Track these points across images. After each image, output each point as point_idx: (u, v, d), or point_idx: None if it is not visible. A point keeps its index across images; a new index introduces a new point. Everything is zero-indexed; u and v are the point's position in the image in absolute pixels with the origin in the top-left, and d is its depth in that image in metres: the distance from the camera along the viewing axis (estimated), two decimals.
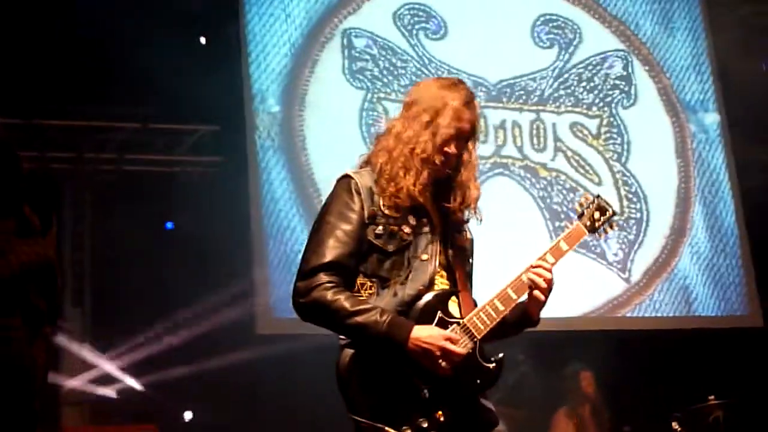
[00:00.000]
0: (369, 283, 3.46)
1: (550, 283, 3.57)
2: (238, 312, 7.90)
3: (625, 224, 8.71)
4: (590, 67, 9.01)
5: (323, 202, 3.58)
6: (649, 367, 8.67)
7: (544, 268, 3.57)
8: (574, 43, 9.02)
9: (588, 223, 3.84)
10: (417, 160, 3.46)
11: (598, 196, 3.94)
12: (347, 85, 8.41)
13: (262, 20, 8.35)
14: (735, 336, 8.73)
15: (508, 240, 7.56)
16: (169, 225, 8.33)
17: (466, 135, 3.55)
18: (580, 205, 3.90)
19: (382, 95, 8.44)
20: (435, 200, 3.58)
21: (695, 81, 9.25)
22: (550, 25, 9.00)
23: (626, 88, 9.06)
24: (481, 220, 3.64)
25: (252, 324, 7.85)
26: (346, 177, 3.53)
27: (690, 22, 9.35)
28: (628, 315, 8.63)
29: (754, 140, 9.20)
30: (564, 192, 8.63)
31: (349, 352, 3.40)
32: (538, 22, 8.98)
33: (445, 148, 3.50)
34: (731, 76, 9.26)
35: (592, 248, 8.58)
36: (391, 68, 8.52)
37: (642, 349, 8.59)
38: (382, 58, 8.53)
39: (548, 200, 8.58)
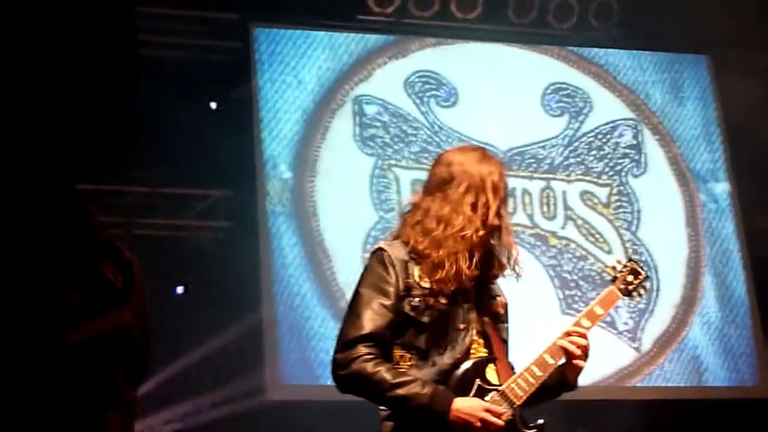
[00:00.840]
0: (408, 355, 3.49)
1: (586, 349, 3.59)
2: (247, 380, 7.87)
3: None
4: (600, 136, 9.03)
5: (360, 276, 3.58)
6: None
7: (580, 334, 3.58)
8: (585, 111, 9.05)
9: (622, 287, 3.88)
10: (468, 244, 3.48)
11: (631, 260, 3.99)
12: (358, 151, 8.44)
13: (275, 86, 8.40)
14: (745, 407, 8.66)
15: (518, 308, 7.51)
16: (179, 290, 8.29)
17: (506, 203, 3.58)
18: (613, 269, 3.94)
19: (392, 162, 8.45)
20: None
21: (705, 150, 9.27)
22: (561, 93, 9.04)
23: (636, 157, 9.07)
24: (519, 277, 3.65)
25: (262, 389, 7.80)
26: (380, 250, 3.55)
27: (700, 91, 9.39)
28: (638, 385, 8.58)
29: (764, 210, 9.20)
30: (574, 260, 8.62)
31: (389, 424, 3.40)
32: (548, 91, 9.02)
33: (494, 224, 3.52)
34: (741, 146, 9.28)
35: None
36: (402, 135, 8.55)
37: (652, 420, 8.51)
38: (393, 125, 8.55)
39: (558, 268, 8.56)
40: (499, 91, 8.80)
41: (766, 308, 9.06)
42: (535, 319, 7.00)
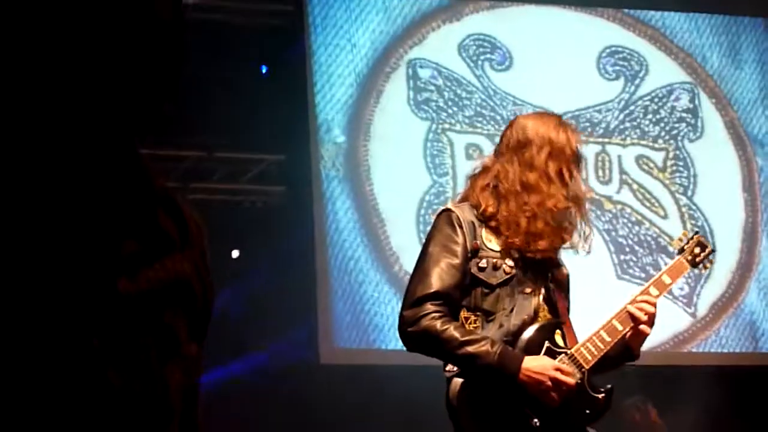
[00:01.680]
0: (473, 317, 3.48)
1: (653, 316, 3.57)
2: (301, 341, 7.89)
3: None
4: (656, 100, 8.93)
5: (426, 236, 3.57)
6: (714, 403, 8.53)
7: (649, 302, 3.57)
8: (640, 75, 8.96)
9: (689, 258, 3.86)
10: (548, 214, 3.46)
11: (697, 233, 3.98)
12: (412, 115, 8.40)
13: (328, 50, 8.36)
14: None
15: (573, 273, 7.48)
16: (234, 254, 8.32)
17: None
18: (680, 240, 3.95)
19: (446, 126, 8.41)
20: None
21: (763, 114, 9.15)
22: (616, 56, 8.94)
23: (693, 121, 8.97)
24: (588, 253, 3.63)
25: (315, 354, 7.81)
26: (448, 210, 3.55)
27: (758, 54, 9.26)
28: (694, 350, 8.53)
29: None
30: (629, 225, 8.56)
31: (458, 381, 3.41)
32: (604, 54, 8.93)
33: (578, 197, 3.51)
34: None
35: None
36: (456, 99, 8.50)
37: (707, 385, 8.45)
38: (447, 89, 8.51)
39: (613, 233, 8.50)
40: (553, 55, 8.72)
41: None
42: (590, 284, 6.95)
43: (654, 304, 3.63)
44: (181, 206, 1.31)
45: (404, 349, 3.57)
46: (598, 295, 6.51)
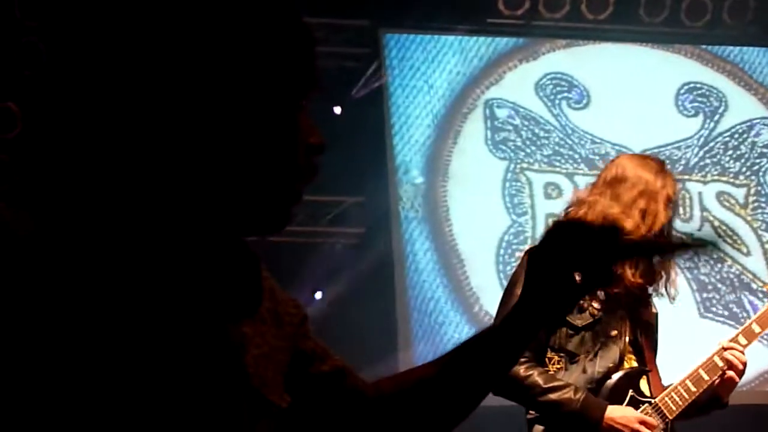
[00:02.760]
0: (557, 358, 3.46)
1: (744, 366, 3.52)
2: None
3: None
4: (736, 135, 8.85)
5: (511, 276, 3.56)
6: None
7: (739, 351, 3.52)
8: (720, 111, 8.88)
9: None
10: None
11: None
12: (490, 155, 8.40)
13: (405, 91, 8.40)
14: None
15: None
16: (317, 295, 8.35)
17: (673, 220, 3.54)
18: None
19: (525, 165, 8.40)
20: None
21: None
22: (695, 93, 8.89)
23: None
24: (674, 299, 3.60)
25: None
26: None
27: None
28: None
29: None
30: (712, 262, 8.46)
31: (540, 428, 3.38)
32: (682, 90, 8.87)
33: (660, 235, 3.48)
34: None
35: (741, 320, 8.37)
36: (534, 138, 8.49)
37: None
38: (525, 128, 8.50)
39: (695, 271, 8.41)
40: (631, 92, 8.68)
41: None
42: (674, 323, 6.87)
43: (743, 353, 3.59)
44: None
45: None
46: (681, 334, 6.43)
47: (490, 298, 7.99)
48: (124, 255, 1.24)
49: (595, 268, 1.48)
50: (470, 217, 8.21)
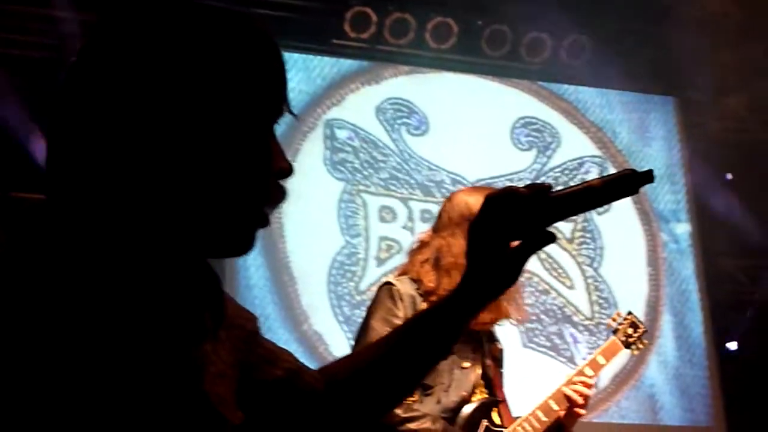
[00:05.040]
0: None
1: (590, 398, 3.62)
2: None
3: (594, 329, 8.74)
4: (567, 171, 9.10)
5: (368, 309, 3.57)
6: None
7: (585, 384, 3.61)
8: (552, 146, 9.12)
9: (623, 339, 3.93)
10: None
11: (630, 313, 4.04)
12: (327, 175, 8.43)
13: None
14: None
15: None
16: None
17: None
18: (613, 320, 4.01)
19: (361, 187, 8.45)
20: None
21: (669, 191, 9.37)
22: (530, 127, 9.10)
23: None
24: (522, 323, 3.67)
25: None
26: (389, 284, 3.55)
27: (666, 132, 9.50)
28: (595, 420, 8.61)
29: (723, 252, 9.34)
30: (536, 294, 8.66)
31: None
32: (518, 125, 9.07)
33: None
34: (701, 189, 9.41)
35: (562, 351, 8.59)
36: (372, 161, 8.55)
37: None
38: (363, 151, 8.56)
39: (520, 301, 8.56)
40: (469, 122, 8.84)
41: (721, 350, 9.17)
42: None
43: (590, 386, 3.68)
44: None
45: None
46: (505, 364, 6.56)
47: (319, 318, 8.02)
48: (91, 273, 1.24)
49: (533, 231, 1.54)
50: (304, 236, 8.20)
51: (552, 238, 1.55)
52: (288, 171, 1.38)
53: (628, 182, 1.54)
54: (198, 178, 1.28)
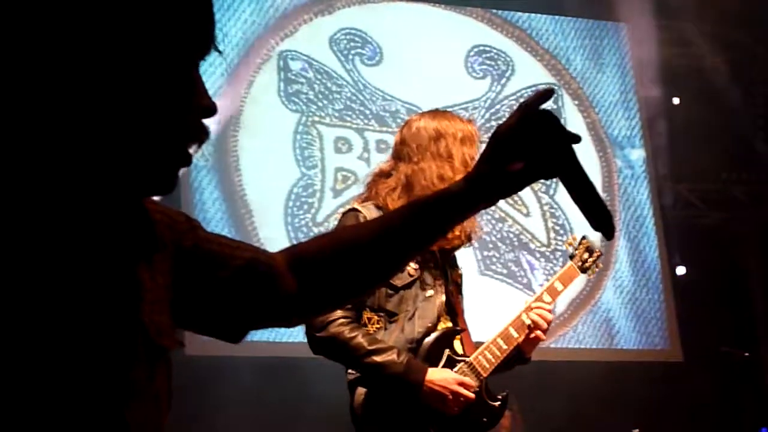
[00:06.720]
0: (376, 318, 3.48)
1: (550, 323, 3.64)
2: None
3: (551, 255, 8.80)
4: (521, 99, 9.06)
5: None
6: (571, 397, 8.73)
7: (545, 309, 3.63)
8: (507, 74, 9.11)
9: (579, 264, 3.94)
10: None
11: (585, 237, 4.04)
12: (282, 107, 8.38)
13: None
14: (656, 369, 8.86)
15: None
16: None
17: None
18: (569, 244, 4.00)
19: (316, 119, 8.42)
20: None
21: (623, 117, 9.41)
22: (484, 56, 9.08)
23: None
24: (472, 245, 3.68)
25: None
26: (354, 210, 3.52)
27: (619, 58, 9.52)
28: (552, 346, 8.70)
29: (677, 177, 9.41)
30: (493, 222, 8.70)
31: (362, 391, 3.42)
32: (472, 53, 9.05)
33: None
34: (655, 114, 9.45)
35: (519, 278, 8.65)
36: (326, 92, 8.51)
37: (564, 380, 8.65)
38: (318, 82, 8.51)
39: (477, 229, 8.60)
40: (423, 52, 8.80)
41: (676, 273, 9.28)
42: None
43: (550, 311, 3.71)
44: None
45: (262, 340, 3.55)
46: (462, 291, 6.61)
47: (277, 249, 8.00)
48: (25, 208, 1.23)
49: (555, 158, 1.50)
50: (260, 168, 8.18)
51: (569, 173, 1.51)
52: (211, 110, 1.34)
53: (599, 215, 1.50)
54: (117, 112, 1.25)
